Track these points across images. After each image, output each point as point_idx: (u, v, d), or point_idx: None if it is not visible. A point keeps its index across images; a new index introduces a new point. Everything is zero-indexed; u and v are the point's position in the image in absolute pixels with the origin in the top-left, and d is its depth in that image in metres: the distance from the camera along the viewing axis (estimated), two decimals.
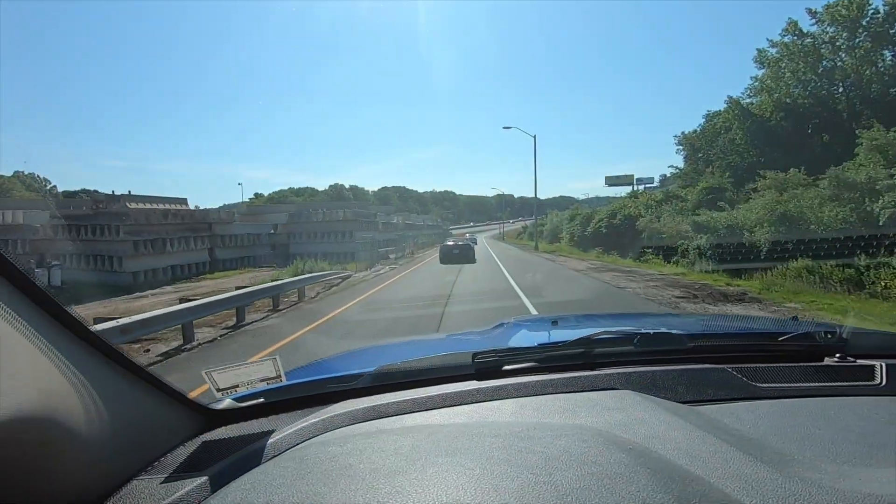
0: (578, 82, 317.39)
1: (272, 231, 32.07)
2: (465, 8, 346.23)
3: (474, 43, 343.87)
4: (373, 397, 1.01)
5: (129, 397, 0.77)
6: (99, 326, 5.11)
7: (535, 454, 0.64)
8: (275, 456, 0.81)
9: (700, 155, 38.74)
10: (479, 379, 1.06)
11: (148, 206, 22.95)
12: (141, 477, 0.76)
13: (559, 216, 55.15)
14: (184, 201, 26.40)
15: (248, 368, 1.00)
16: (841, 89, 29.41)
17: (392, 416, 0.93)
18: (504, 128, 38.14)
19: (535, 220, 47.63)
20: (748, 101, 33.35)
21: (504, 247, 44.28)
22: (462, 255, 21.33)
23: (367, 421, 0.92)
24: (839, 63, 29.11)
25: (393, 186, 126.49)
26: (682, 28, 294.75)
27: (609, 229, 27.72)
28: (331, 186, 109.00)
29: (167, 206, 24.20)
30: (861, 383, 1.04)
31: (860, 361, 1.10)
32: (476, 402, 0.97)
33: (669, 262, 18.04)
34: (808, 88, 29.93)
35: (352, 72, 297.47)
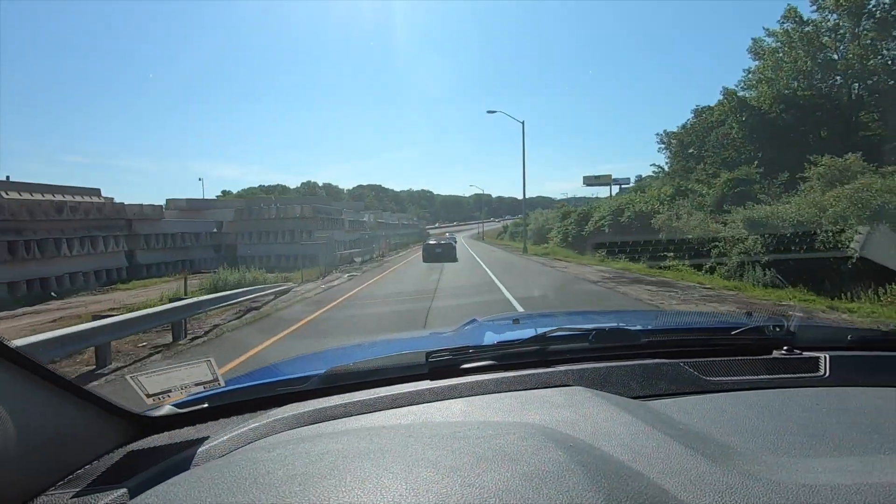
0: (556, 83, 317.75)
1: (215, 230, 27.15)
2: (443, 6, 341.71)
3: (450, 40, 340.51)
4: (320, 400, 0.99)
5: (44, 408, 0.73)
6: None
7: (467, 454, 0.63)
8: (199, 465, 0.78)
9: (690, 151, 36.31)
10: (433, 378, 1.05)
11: (32, 196, 17.58)
12: (51, 492, 0.71)
13: (545, 215, 51.49)
14: (96, 192, 21.04)
15: (180, 372, 0.96)
16: (843, 80, 27.63)
17: (338, 418, 0.91)
18: (489, 112, 30.88)
19: (525, 217, 42.89)
20: (742, 93, 31.34)
21: (486, 248, 39.44)
22: (444, 253, 22.66)
23: (311, 424, 0.90)
24: (842, 52, 27.33)
25: (369, 185, 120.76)
26: (662, 27, 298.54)
27: (614, 228, 23.48)
28: (303, 184, 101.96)
29: (66, 198, 18.90)
30: (806, 375, 1.06)
31: (806, 354, 1.12)
32: (426, 403, 0.95)
33: (701, 270, 14.27)
34: (810, 79, 27.99)
35: (329, 70, 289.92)
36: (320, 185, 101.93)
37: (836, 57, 27.29)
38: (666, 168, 44.78)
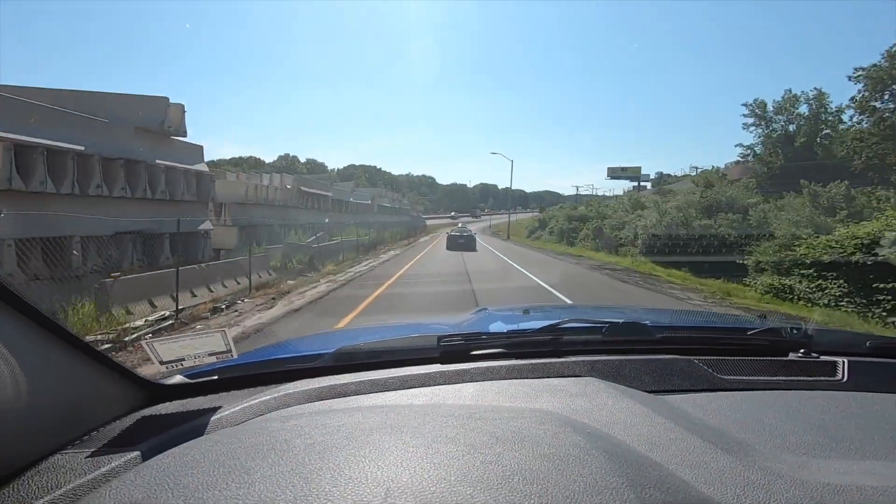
0: (551, 78, 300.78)
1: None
2: None
3: (458, 28, 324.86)
4: (331, 377, 0.99)
5: (61, 368, 0.74)
6: None
7: (486, 434, 0.63)
8: (212, 433, 0.79)
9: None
10: (444, 363, 1.05)
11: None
12: (66, 451, 0.73)
13: (576, 209, 40.32)
14: None
15: (194, 341, 0.97)
16: None
17: (349, 396, 0.92)
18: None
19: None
20: None
21: (533, 255, 23.15)
22: (466, 244, 24.25)
23: (322, 400, 0.90)
24: None
25: (362, 165, 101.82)
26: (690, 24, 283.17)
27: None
28: (280, 157, 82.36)
29: None
30: (823, 378, 1.05)
31: (823, 358, 1.11)
32: (438, 385, 0.95)
33: None
34: None
35: (327, 49, 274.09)
36: (303, 160, 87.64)
37: None
38: (758, 150, 32.57)
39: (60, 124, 7.83)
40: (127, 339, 5.73)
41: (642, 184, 66.88)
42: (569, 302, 9.09)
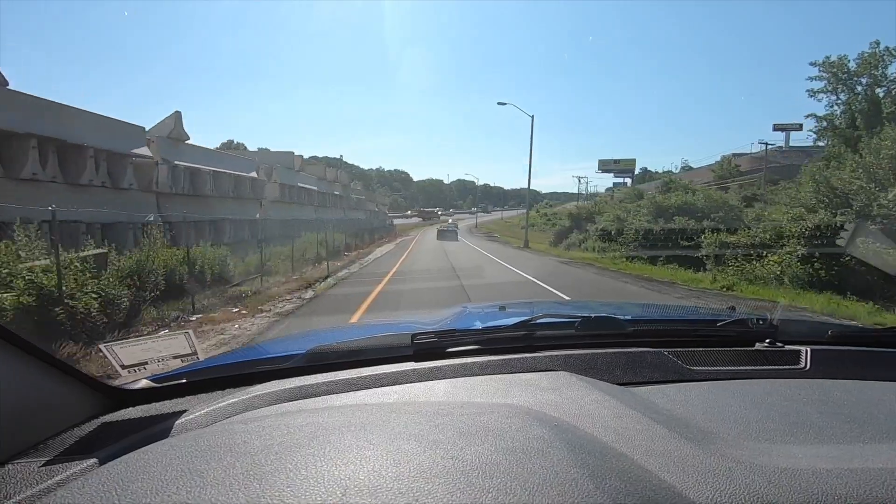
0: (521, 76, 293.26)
1: None
2: None
3: (437, 23, 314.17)
4: (302, 378, 0.97)
5: (10, 375, 0.72)
6: None
7: (450, 430, 0.63)
8: (174, 437, 0.78)
9: None
10: (418, 360, 1.04)
11: None
12: (19, 461, 0.70)
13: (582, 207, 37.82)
14: None
15: (156, 343, 0.93)
16: None
17: (319, 396, 0.91)
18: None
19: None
20: None
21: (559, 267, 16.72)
22: (450, 234, 34.69)
23: (291, 401, 0.89)
24: None
25: (325, 157, 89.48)
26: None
27: None
28: (223, 144, 71.78)
29: None
30: (787, 367, 1.08)
31: (788, 347, 1.14)
32: (410, 383, 0.95)
33: None
34: None
35: (291, 44, 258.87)
36: (253, 149, 74.67)
37: None
38: (838, 121, 24.17)
39: None
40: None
41: (625, 180, 62.36)
42: None
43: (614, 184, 63.43)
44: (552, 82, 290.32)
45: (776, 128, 45.98)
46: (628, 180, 61.78)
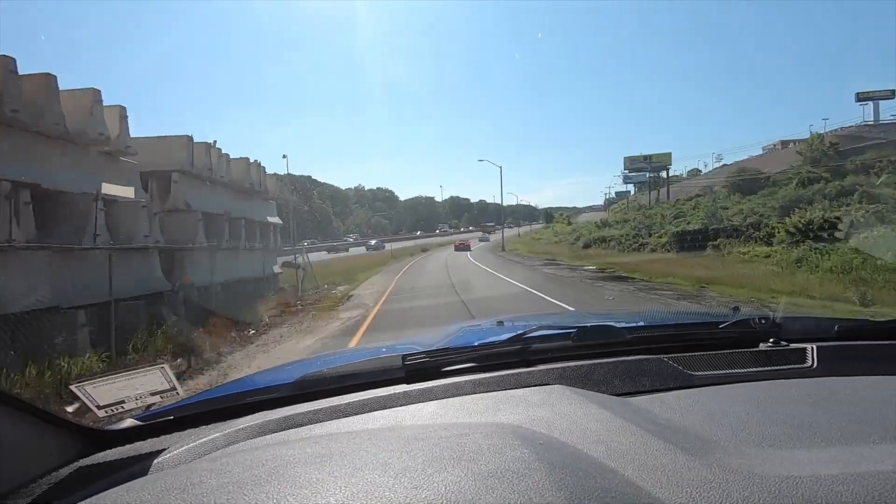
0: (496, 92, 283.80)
1: None
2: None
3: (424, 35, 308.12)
4: (289, 408, 0.96)
5: None
6: None
7: (423, 456, 0.61)
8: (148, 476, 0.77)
9: None
10: (409, 382, 1.02)
11: None
12: None
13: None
14: None
15: (132, 381, 0.92)
16: None
17: (305, 425, 0.89)
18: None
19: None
20: None
21: None
22: (463, 248, 39.32)
23: (275, 433, 0.88)
24: None
25: (299, 175, 68.50)
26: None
27: None
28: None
29: None
30: (793, 366, 1.05)
31: (793, 345, 1.11)
32: (399, 406, 0.93)
33: None
34: None
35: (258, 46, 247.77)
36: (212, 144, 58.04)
37: None
38: None
39: None
40: None
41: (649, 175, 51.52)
42: None
43: (636, 185, 52.93)
44: (549, 94, 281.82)
45: (860, 98, 35.08)
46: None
